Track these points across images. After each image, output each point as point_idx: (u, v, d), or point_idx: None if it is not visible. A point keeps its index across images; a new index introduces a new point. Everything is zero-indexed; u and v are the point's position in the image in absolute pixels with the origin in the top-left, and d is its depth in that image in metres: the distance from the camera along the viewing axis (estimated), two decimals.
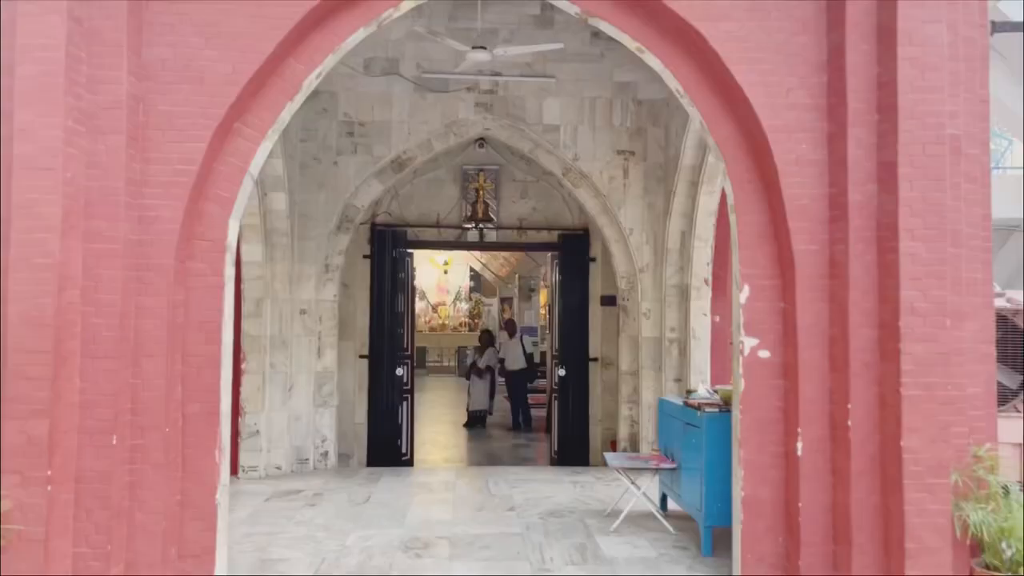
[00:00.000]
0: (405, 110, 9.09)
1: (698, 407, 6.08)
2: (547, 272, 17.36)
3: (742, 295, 5.04)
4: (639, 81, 9.20)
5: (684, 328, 8.94)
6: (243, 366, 8.48)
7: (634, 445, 9.36)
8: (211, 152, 4.76)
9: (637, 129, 9.24)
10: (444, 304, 29.78)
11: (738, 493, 5.04)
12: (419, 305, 29.26)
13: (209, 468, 4.78)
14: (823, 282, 4.85)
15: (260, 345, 8.52)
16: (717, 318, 8.91)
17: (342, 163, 9.07)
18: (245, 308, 8.51)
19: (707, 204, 8.56)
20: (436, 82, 9.07)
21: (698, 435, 6.01)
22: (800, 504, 4.77)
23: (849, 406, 4.64)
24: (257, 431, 8.50)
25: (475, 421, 14.69)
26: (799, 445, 4.79)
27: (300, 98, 5.06)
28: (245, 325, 8.51)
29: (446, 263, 26.50)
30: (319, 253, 9.06)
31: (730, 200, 5.19)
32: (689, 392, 6.91)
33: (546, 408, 14.45)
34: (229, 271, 4.96)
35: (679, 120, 8.63)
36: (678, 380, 8.98)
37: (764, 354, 5.00)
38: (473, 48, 7.48)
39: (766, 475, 4.95)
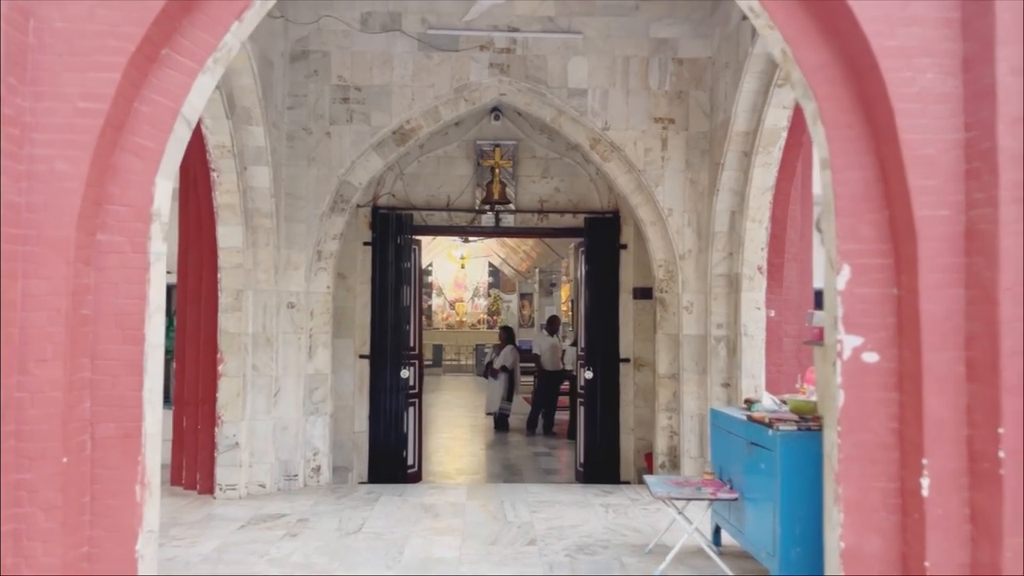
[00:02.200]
0: (408, 72, 7.85)
1: (769, 423, 4.79)
2: (570, 264, 16.15)
3: (840, 278, 3.77)
4: (680, 37, 7.91)
5: (733, 324, 7.64)
6: (220, 368, 7.29)
7: (674, 460, 8.08)
8: (128, 86, 3.55)
9: (677, 93, 7.95)
10: (462, 300, 28.71)
11: (834, 542, 3.77)
12: (436, 301, 28.45)
13: (127, 510, 3.58)
14: (957, 260, 3.56)
15: (240, 344, 7.33)
16: (772, 313, 7.60)
17: (336, 134, 7.85)
18: (222, 301, 7.31)
19: (762, 178, 7.25)
20: (444, 39, 7.83)
21: (769, 459, 4.73)
22: (927, 563, 3.49)
23: (1000, 430, 3.35)
24: (236, 443, 7.30)
25: (501, 424, 13.60)
26: (924, 481, 3.51)
27: (253, 17, 3.83)
28: (222, 321, 7.31)
29: (463, 258, 25.34)
30: (309, 238, 7.84)
31: (821, 152, 3.92)
32: (750, 403, 5.62)
33: (569, 412, 13.31)
34: (158, 247, 3.75)
35: (728, 80, 7.34)
36: (726, 385, 7.69)
37: (871, 357, 3.72)
38: None
39: (875, 520, 3.68)
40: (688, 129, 7.95)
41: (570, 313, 17.00)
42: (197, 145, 7.03)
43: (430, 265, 27.13)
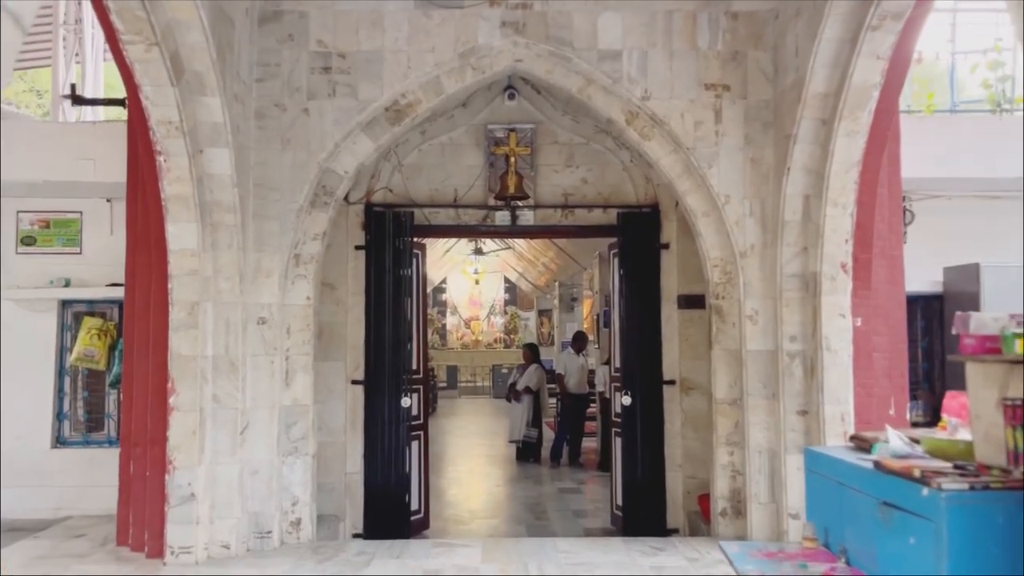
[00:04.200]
0: (403, 35, 6.43)
1: (923, 478, 3.26)
2: (594, 275, 14.70)
3: None
4: None
5: (811, 336, 6.12)
6: (171, 401, 5.84)
7: (738, 507, 6.53)
8: None
9: (732, 54, 6.48)
10: (477, 319, 27.32)
11: None
12: (451, 320, 27.04)
13: None
14: None
15: (196, 370, 5.88)
16: (859, 321, 6.08)
17: (316, 111, 6.43)
18: (173, 316, 5.88)
19: (847, 151, 5.76)
20: None
21: (924, 532, 3.18)
22: None
23: None
24: (192, 494, 5.83)
25: (524, 453, 12.09)
26: None
27: None
28: (173, 341, 5.88)
29: (478, 273, 23.94)
30: (284, 238, 6.41)
31: None
32: (868, 441, 4.08)
33: (598, 440, 11.79)
34: None
35: (800, 31, 5.87)
36: (803, 413, 6.15)
37: None
38: None
39: None
40: (746, 97, 6.47)
41: (594, 329, 15.54)
42: (143, 123, 5.65)
43: (444, 282, 25.80)
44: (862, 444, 4.17)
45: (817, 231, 6.01)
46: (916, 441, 3.86)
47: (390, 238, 7.53)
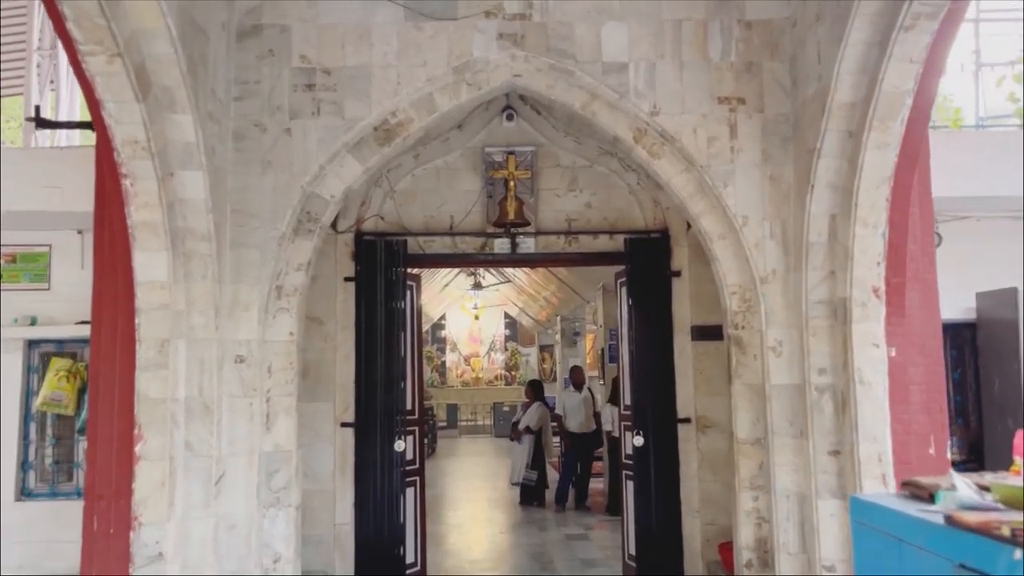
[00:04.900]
0: (392, 49, 5.98)
1: (1011, 537, 2.70)
2: (597, 308, 14.19)
3: None
4: None
5: (842, 368, 5.58)
6: (137, 449, 5.28)
7: (764, 557, 5.93)
8: None
9: (746, 65, 6.02)
10: (477, 355, 26.75)
11: None
12: (450, 357, 26.44)
13: None
14: None
15: (166, 414, 5.33)
16: (894, 351, 5.54)
17: (299, 130, 5.95)
18: (140, 355, 5.34)
19: (877, 164, 5.26)
20: (438, 5, 5.97)
21: None
22: None
23: None
24: (160, 553, 5.24)
25: (527, 496, 11.48)
26: None
27: None
28: (140, 382, 5.33)
29: (477, 308, 23.43)
30: (264, 268, 5.88)
31: None
32: (927, 488, 3.52)
33: (605, 481, 11.19)
34: None
35: (822, 37, 5.41)
36: (835, 453, 5.58)
37: None
38: None
39: None
40: (763, 111, 6.00)
41: (598, 365, 14.98)
42: (108, 145, 5.16)
43: (443, 318, 25.28)
44: (919, 492, 3.59)
45: (846, 253, 5.49)
46: (985, 488, 3.32)
47: (382, 268, 7.04)
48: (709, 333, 6.86)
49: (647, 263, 7.17)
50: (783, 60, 5.99)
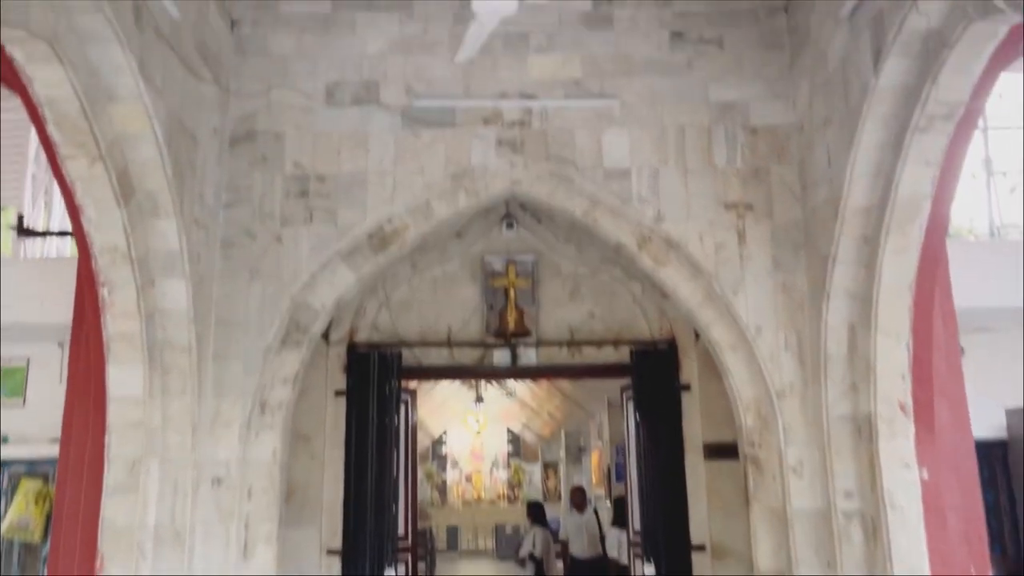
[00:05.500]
0: (388, 155, 5.82)
1: None
2: (602, 423, 13.71)
3: None
4: (750, 99, 5.90)
5: (870, 491, 5.13)
6: None
7: None
8: None
9: (753, 171, 5.84)
10: (479, 472, 25.88)
11: None
12: (451, 475, 25.56)
13: None
14: None
15: (132, 543, 4.86)
16: (925, 472, 5.10)
17: (289, 238, 5.72)
18: (108, 478, 4.93)
19: (897, 271, 4.98)
20: (436, 113, 5.85)
21: None
22: None
23: None
24: None
25: None
26: None
27: None
28: (107, 508, 4.89)
29: (479, 423, 22.83)
30: (248, 382, 5.52)
31: None
32: None
33: None
34: None
35: (832, 140, 5.23)
36: None
37: None
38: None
39: None
40: (772, 217, 5.77)
41: (604, 483, 14.35)
42: (86, 252, 4.91)
43: (444, 434, 24.60)
44: None
45: (867, 366, 5.14)
46: None
47: (375, 382, 6.68)
48: (723, 451, 6.43)
49: (654, 376, 6.81)
50: (791, 164, 5.82)
